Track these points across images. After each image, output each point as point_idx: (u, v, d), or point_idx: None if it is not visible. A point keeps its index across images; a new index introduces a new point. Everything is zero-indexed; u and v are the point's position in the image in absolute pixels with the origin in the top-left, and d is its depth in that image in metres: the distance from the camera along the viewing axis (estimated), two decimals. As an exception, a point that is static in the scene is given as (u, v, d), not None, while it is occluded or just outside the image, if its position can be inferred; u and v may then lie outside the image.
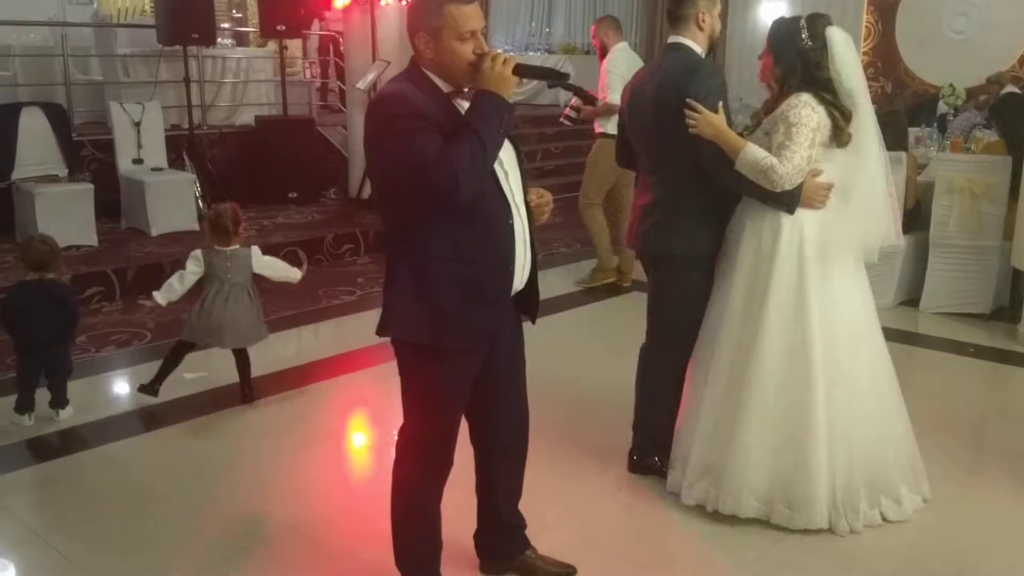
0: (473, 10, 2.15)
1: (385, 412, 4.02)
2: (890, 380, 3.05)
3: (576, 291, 6.06)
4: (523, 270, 2.31)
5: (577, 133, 11.26)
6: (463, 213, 2.12)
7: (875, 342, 3.01)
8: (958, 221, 5.28)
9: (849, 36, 2.86)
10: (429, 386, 2.30)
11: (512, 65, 2.12)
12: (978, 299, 5.37)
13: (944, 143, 6.19)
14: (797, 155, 2.74)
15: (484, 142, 2.06)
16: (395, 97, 2.14)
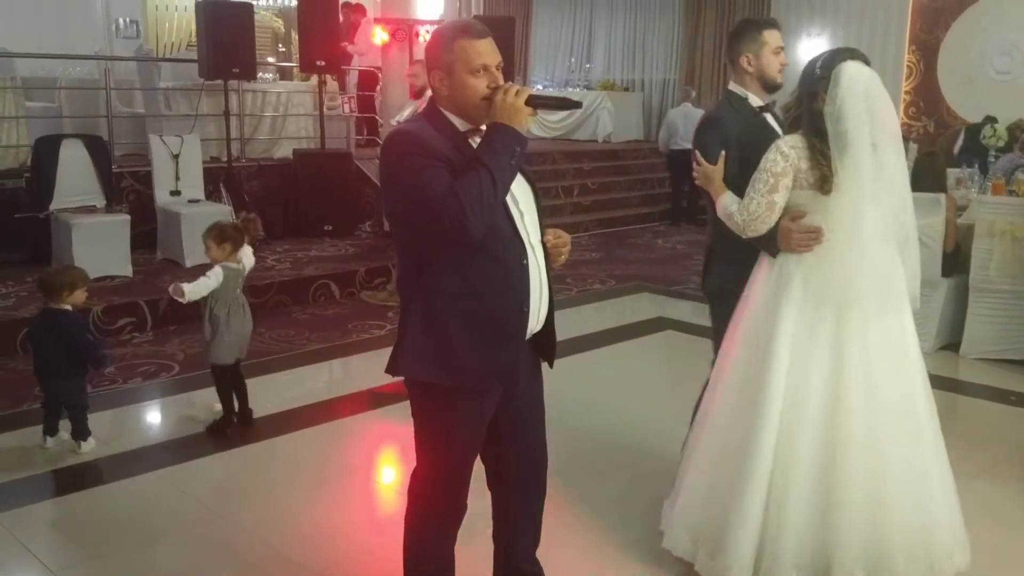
0: (485, 44, 2.13)
1: (408, 451, 4.00)
2: (928, 453, 2.74)
3: (608, 328, 6.01)
4: (539, 311, 2.27)
5: (614, 169, 11.32)
6: (476, 251, 2.10)
7: (909, 403, 2.70)
8: (999, 265, 5.15)
9: (873, 76, 2.61)
10: (440, 427, 2.26)
11: (525, 96, 2.09)
12: (1020, 345, 5.21)
13: (986, 185, 6.05)
14: (754, 202, 2.66)
15: (493, 175, 2.02)
16: (406, 135, 2.14)
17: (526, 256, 2.19)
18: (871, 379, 2.63)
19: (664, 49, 13.99)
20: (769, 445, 2.63)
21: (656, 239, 9.72)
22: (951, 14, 10.48)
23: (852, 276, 2.62)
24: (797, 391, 2.64)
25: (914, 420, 2.70)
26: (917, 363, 2.74)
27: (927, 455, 2.72)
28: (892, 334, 2.68)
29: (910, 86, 10.85)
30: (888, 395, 2.64)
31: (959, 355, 5.37)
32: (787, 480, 2.62)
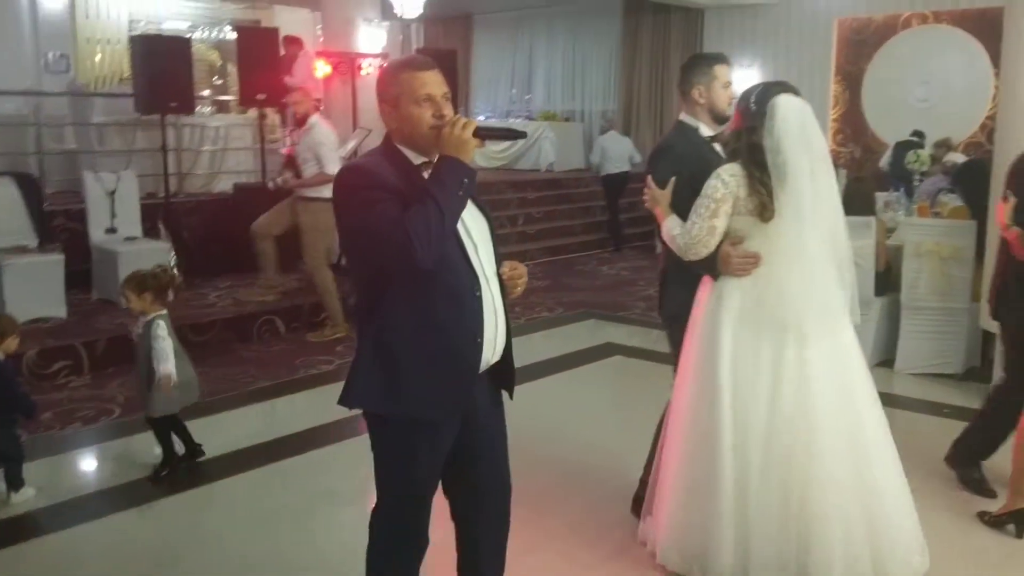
0: (429, 75, 2.16)
1: (361, 488, 3.95)
2: (877, 465, 2.84)
3: (558, 355, 6.05)
4: (495, 342, 2.28)
5: (558, 198, 11.45)
6: (428, 283, 2.12)
7: (854, 419, 2.81)
8: (928, 284, 5.36)
9: (805, 106, 2.72)
10: (397, 460, 2.25)
11: (471, 128, 2.12)
12: (950, 360, 5.42)
13: (912, 208, 6.31)
14: (695, 227, 2.78)
15: (441, 206, 2.04)
16: (358, 169, 2.18)
17: (479, 287, 2.21)
18: (811, 398, 2.72)
19: (602, 80, 14.29)
20: (728, 467, 2.73)
21: (600, 266, 9.84)
22: (873, 46, 10.94)
23: (794, 299, 2.72)
24: (745, 412, 2.74)
25: (860, 435, 2.80)
26: (861, 379, 2.85)
27: (876, 467, 2.82)
28: (835, 353, 2.78)
29: (836, 114, 11.26)
30: (829, 412, 2.74)
31: (894, 371, 5.55)
32: (746, 497, 2.73)
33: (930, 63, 10.38)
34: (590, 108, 14.52)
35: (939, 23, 10.41)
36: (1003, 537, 3.45)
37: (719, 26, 12.39)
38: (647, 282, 8.72)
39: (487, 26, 15.47)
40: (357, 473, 4.04)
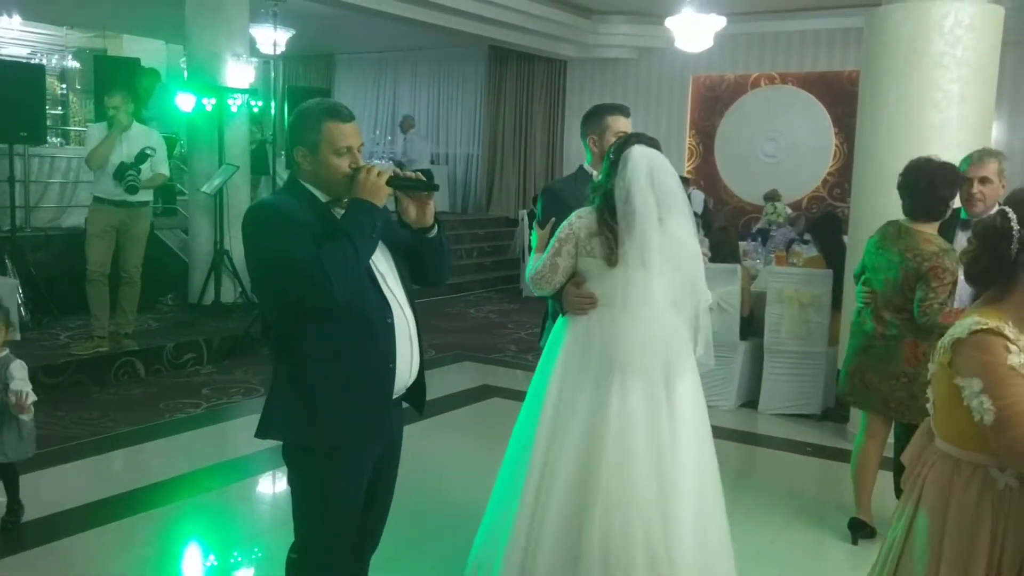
0: (350, 128, 2.26)
1: (241, 539, 3.75)
2: (707, 511, 2.87)
3: (436, 398, 5.99)
4: (410, 367, 2.35)
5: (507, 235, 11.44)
6: (340, 313, 2.17)
7: (669, 468, 2.80)
8: (788, 328, 5.70)
9: (656, 155, 2.81)
10: (319, 489, 2.27)
11: (386, 177, 2.24)
12: (810, 401, 5.76)
13: (769, 256, 6.71)
14: (540, 263, 2.91)
15: (356, 245, 2.14)
16: (268, 207, 2.27)
17: (391, 315, 2.27)
18: (627, 443, 2.76)
19: (468, 124, 14.47)
20: (531, 494, 2.80)
21: (468, 308, 9.88)
22: (725, 103, 11.67)
23: (627, 344, 2.78)
24: (559, 446, 2.81)
25: (689, 478, 2.82)
26: (694, 425, 2.88)
27: (705, 512, 2.87)
28: (665, 400, 2.82)
29: (691, 167, 11.89)
30: (644, 459, 2.77)
31: (758, 411, 5.84)
32: (541, 530, 2.77)
33: (777, 121, 11.16)
34: (455, 152, 14.66)
35: (785, 84, 11.23)
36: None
37: (581, 77, 12.86)
38: (516, 325, 8.83)
39: (350, 67, 15.39)
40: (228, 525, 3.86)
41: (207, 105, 7.58)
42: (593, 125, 3.26)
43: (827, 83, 10.86)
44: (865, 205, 5.06)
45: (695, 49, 8.94)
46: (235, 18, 7.90)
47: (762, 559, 3.73)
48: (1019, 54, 9.18)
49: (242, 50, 8.02)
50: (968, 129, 4.75)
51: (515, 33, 10.80)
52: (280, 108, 12.14)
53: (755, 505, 4.36)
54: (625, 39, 11.73)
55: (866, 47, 5.10)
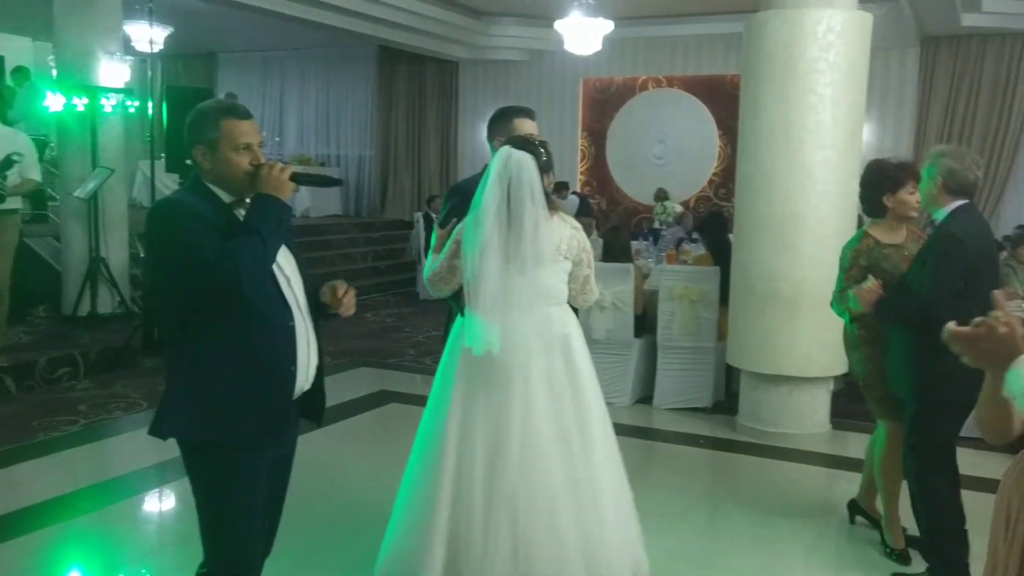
0: (249, 125, 2.30)
1: (128, 559, 3.57)
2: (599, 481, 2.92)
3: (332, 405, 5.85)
4: (308, 370, 2.37)
5: (316, 245, 11.21)
6: (243, 313, 2.20)
7: (579, 456, 2.87)
8: (680, 325, 5.84)
9: (512, 154, 2.80)
10: (221, 487, 2.28)
11: (289, 172, 2.28)
12: (701, 394, 5.91)
13: (660, 255, 6.87)
14: (437, 263, 2.97)
15: (264, 239, 2.18)
16: (173, 204, 2.28)
17: (292, 318, 2.31)
18: (531, 424, 2.82)
19: (359, 125, 14.25)
20: (447, 495, 2.81)
21: (364, 313, 9.71)
22: (614, 106, 11.90)
23: (517, 340, 2.80)
24: (471, 444, 2.82)
25: (603, 472, 2.91)
26: (599, 418, 2.94)
27: (623, 504, 2.98)
28: (560, 389, 2.87)
29: (584, 168, 12.07)
30: (550, 451, 2.83)
31: (652, 406, 5.96)
32: (464, 529, 2.80)
33: (665, 123, 11.47)
34: (346, 153, 14.42)
35: (672, 87, 11.53)
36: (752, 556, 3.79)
37: (473, 79, 12.87)
38: (413, 328, 8.75)
39: (234, 66, 14.93)
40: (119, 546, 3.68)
41: (78, 105, 7.19)
42: (499, 127, 3.29)
43: (711, 86, 11.22)
44: (748, 204, 5.23)
45: (584, 52, 9.08)
46: (107, 14, 7.53)
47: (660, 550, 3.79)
48: (887, 59, 9.71)
49: (115, 48, 7.65)
50: (841, 131, 4.98)
51: (405, 33, 10.71)
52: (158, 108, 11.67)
53: (652, 498, 4.45)
54: (515, 41, 11.80)
55: (746, 52, 5.28)
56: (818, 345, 5.06)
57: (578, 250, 2.93)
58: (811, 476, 4.87)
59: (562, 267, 2.91)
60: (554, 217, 2.88)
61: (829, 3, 4.96)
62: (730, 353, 5.52)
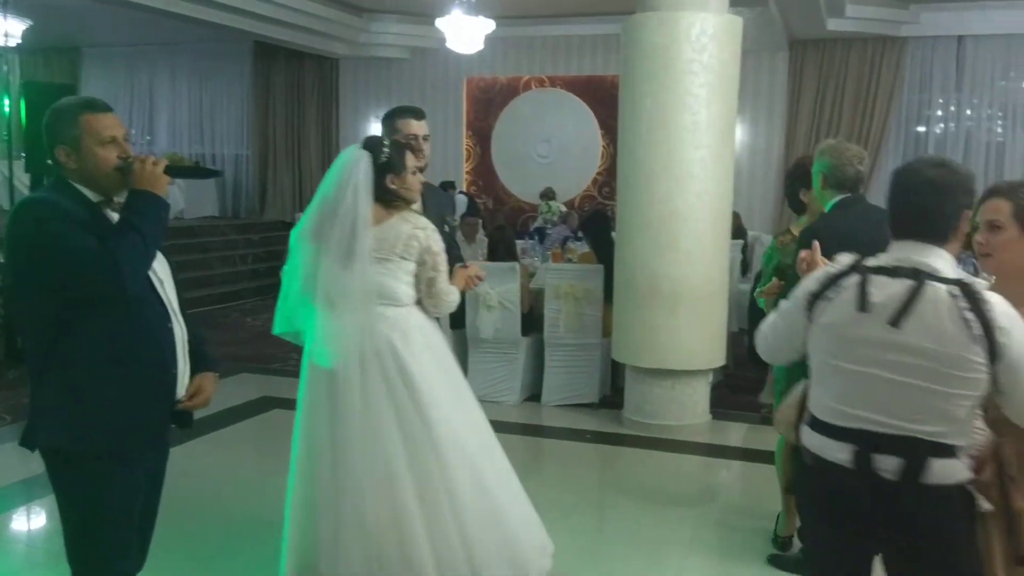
0: (111, 118, 2.21)
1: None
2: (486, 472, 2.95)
3: (212, 413, 5.64)
4: (183, 378, 2.32)
5: (192, 247, 10.77)
6: (119, 316, 2.14)
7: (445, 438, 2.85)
8: (566, 323, 5.91)
9: (358, 158, 2.80)
10: (90, 499, 2.18)
11: (163, 165, 2.19)
12: (588, 390, 6.00)
13: (546, 254, 6.93)
14: None
15: (144, 235, 2.11)
16: (41, 203, 2.16)
17: (169, 320, 2.27)
18: (368, 423, 2.79)
19: (235, 124, 13.78)
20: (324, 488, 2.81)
21: (244, 318, 9.42)
22: (499, 105, 11.92)
23: (336, 337, 2.79)
24: (318, 440, 2.84)
25: (432, 456, 2.85)
26: (423, 405, 2.85)
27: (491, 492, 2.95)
28: (387, 381, 2.82)
29: (470, 167, 12.06)
30: (396, 446, 2.81)
31: (541, 403, 6.01)
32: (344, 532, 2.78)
33: (549, 123, 11.57)
34: (222, 152, 13.92)
35: (554, 87, 11.66)
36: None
37: (354, 77, 12.65)
38: (297, 332, 8.52)
39: (99, 61, 14.16)
40: None
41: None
42: (385, 128, 3.29)
43: (592, 87, 11.41)
44: (629, 203, 5.34)
45: (466, 50, 9.07)
46: (-45, 3, 7.01)
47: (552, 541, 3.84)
48: (758, 62, 10.12)
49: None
50: (715, 131, 5.15)
51: (282, 29, 10.42)
52: (16, 105, 10.94)
53: (541, 494, 4.47)
54: (397, 39, 11.67)
55: (623, 53, 5.38)
56: (698, 339, 5.22)
57: (420, 251, 2.86)
58: (693, 465, 5.02)
59: (400, 267, 2.86)
60: (392, 216, 2.84)
61: (702, 6, 5.11)
62: (615, 349, 5.62)
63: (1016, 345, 1.84)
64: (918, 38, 10.12)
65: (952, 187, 1.94)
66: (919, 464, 1.89)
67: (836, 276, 1.99)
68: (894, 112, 10.36)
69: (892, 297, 1.90)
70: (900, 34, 9.99)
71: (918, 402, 1.89)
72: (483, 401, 3.40)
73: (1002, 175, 9.97)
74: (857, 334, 1.94)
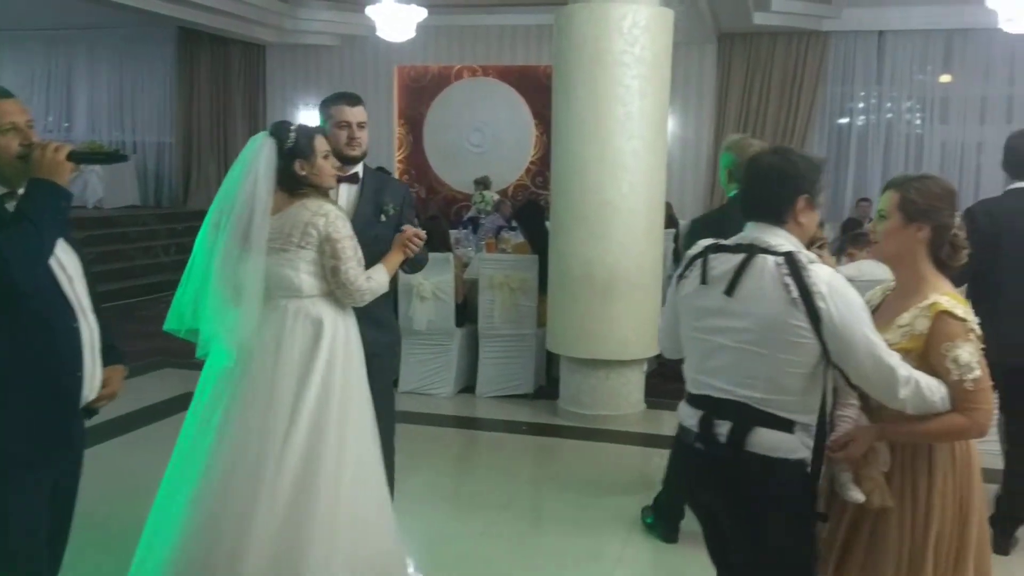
0: (11, 104, 2.12)
1: None
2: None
3: (129, 412, 5.46)
4: (93, 381, 2.24)
5: (112, 238, 10.41)
6: (20, 315, 2.05)
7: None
8: (500, 313, 5.89)
9: (262, 143, 2.72)
10: None
11: (65, 152, 2.09)
12: (523, 381, 5.99)
13: (480, 244, 6.89)
14: None
15: (39, 227, 2.01)
16: None
17: (76, 319, 2.18)
18: (234, 432, 2.68)
19: (157, 111, 13.35)
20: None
21: (167, 311, 9.11)
22: (431, 94, 11.82)
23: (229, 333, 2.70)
24: (192, 446, 2.73)
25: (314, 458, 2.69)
26: (315, 406, 2.71)
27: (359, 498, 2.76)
28: (282, 376, 2.71)
29: (402, 156, 11.93)
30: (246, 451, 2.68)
31: (476, 395, 5.98)
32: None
33: (482, 112, 11.53)
34: (143, 139, 13.48)
35: (487, 76, 11.61)
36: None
37: (281, 63, 12.38)
38: (225, 325, 8.30)
39: (12, 45, 13.54)
40: None
41: None
42: (321, 116, 3.19)
43: (525, 76, 11.39)
44: (563, 193, 5.34)
45: (398, 39, 8.95)
46: None
47: (487, 537, 3.82)
48: (687, 54, 10.24)
49: None
50: (648, 122, 5.17)
51: (206, 14, 10.12)
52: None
53: (477, 487, 4.46)
54: (326, 25, 11.46)
55: (556, 44, 5.36)
56: (632, 328, 5.25)
57: (319, 239, 2.71)
58: (629, 455, 5.06)
59: (299, 256, 2.72)
60: (294, 203, 2.74)
61: (634, -2, 5.13)
62: (550, 339, 5.62)
63: (835, 309, 1.96)
64: (841, 32, 10.39)
65: (786, 174, 2.12)
66: (744, 429, 2.03)
67: (694, 257, 2.18)
68: (818, 104, 10.63)
69: (729, 270, 2.07)
70: (823, 28, 10.24)
71: (748, 366, 2.04)
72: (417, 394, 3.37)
73: (921, 166, 10.33)
74: (702, 305, 2.14)
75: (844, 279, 2.04)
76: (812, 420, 2.05)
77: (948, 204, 2.15)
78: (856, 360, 1.98)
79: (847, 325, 1.96)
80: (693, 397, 2.17)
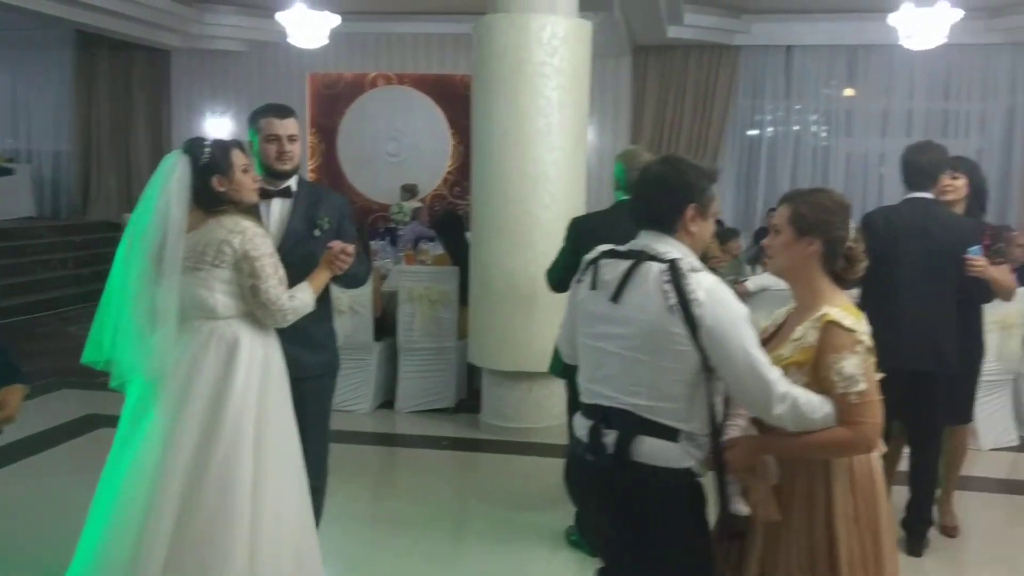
0: None
1: None
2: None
3: (28, 436, 5.12)
4: None
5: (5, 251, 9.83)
6: None
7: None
8: (420, 326, 5.77)
9: (176, 161, 2.64)
10: None
11: None
12: (444, 395, 5.89)
13: (399, 256, 6.76)
14: None
15: None
16: None
17: None
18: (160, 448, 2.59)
19: (53, 117, 12.70)
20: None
21: (67, 327, 8.68)
22: (344, 102, 11.58)
23: (161, 356, 2.61)
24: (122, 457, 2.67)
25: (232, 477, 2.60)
26: (238, 422, 2.61)
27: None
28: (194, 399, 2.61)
29: (314, 165, 11.65)
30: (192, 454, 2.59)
31: (395, 410, 5.84)
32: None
33: (397, 121, 11.36)
34: (39, 148, 12.81)
35: (402, 85, 11.45)
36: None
37: (188, 69, 11.94)
38: (128, 341, 7.93)
39: None
40: None
41: None
42: (250, 129, 3.07)
43: (442, 85, 11.29)
44: (484, 204, 5.27)
45: (310, 45, 8.73)
46: None
47: (410, 557, 3.72)
48: (604, 66, 10.31)
49: None
50: (567, 133, 5.15)
51: (105, 17, 9.68)
52: None
53: (397, 506, 4.33)
54: (234, 31, 11.12)
55: (476, 54, 5.30)
56: (554, 340, 5.18)
57: (234, 257, 2.60)
58: (553, 468, 4.91)
59: (213, 276, 2.61)
60: (208, 222, 2.63)
61: (552, 9, 5.11)
62: (471, 352, 5.53)
63: (711, 317, 1.96)
64: (751, 47, 10.64)
65: (674, 183, 2.11)
66: (629, 438, 2.02)
67: (589, 262, 2.19)
68: (730, 117, 10.85)
69: (616, 276, 2.07)
70: (734, 43, 10.48)
71: (632, 373, 2.03)
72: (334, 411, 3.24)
73: (827, 177, 10.65)
74: (593, 311, 2.13)
75: (728, 289, 2.03)
76: (698, 429, 2.03)
77: (840, 218, 2.14)
78: (734, 371, 1.97)
79: (725, 334, 1.95)
80: (585, 407, 2.16)
